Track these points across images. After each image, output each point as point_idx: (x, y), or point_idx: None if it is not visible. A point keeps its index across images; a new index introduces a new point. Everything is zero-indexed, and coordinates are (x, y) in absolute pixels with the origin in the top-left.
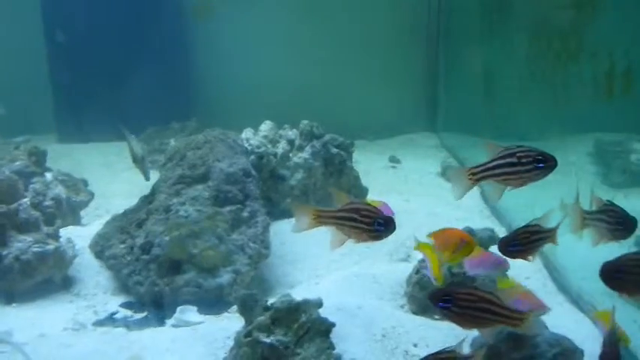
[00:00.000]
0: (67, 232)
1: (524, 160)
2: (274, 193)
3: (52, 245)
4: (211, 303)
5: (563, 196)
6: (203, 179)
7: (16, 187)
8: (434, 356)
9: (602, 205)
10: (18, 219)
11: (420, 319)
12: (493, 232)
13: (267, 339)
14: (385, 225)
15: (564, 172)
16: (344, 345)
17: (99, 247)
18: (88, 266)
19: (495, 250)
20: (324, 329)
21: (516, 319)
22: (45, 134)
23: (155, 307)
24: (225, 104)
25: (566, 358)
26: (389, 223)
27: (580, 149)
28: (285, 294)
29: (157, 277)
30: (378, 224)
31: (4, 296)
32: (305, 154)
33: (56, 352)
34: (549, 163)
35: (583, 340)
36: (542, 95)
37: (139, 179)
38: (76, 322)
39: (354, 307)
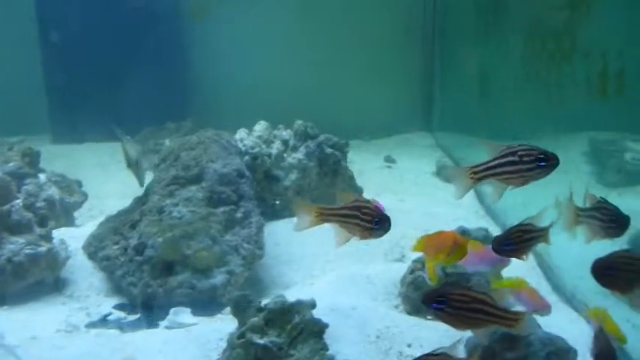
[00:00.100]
0: (60, 234)
1: (525, 159)
2: (268, 193)
3: (44, 247)
4: (205, 304)
5: (558, 196)
6: (197, 180)
7: (9, 188)
8: (425, 357)
9: (595, 203)
10: (10, 220)
11: (414, 319)
12: (487, 231)
13: (260, 340)
14: (380, 223)
15: (559, 172)
16: (337, 346)
17: (92, 249)
18: (81, 267)
19: None
20: (317, 330)
21: (510, 319)
22: (39, 135)
23: (148, 309)
24: (221, 105)
25: (560, 357)
26: (384, 221)
27: (575, 148)
28: (279, 295)
29: (151, 278)
30: (374, 222)
31: None
32: (299, 154)
33: (48, 355)
34: (551, 161)
35: (576, 339)
36: (537, 95)
37: (133, 180)
38: (69, 323)
39: (348, 307)
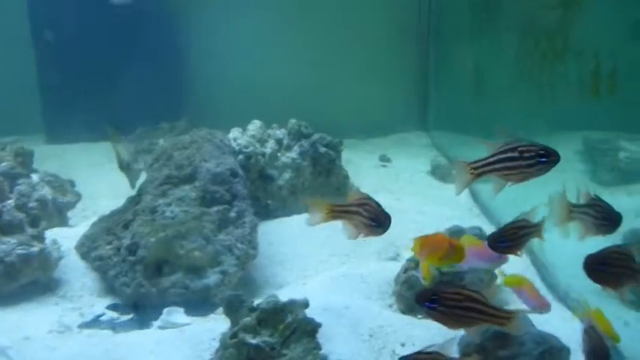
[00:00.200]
0: (52, 234)
1: (526, 155)
2: (262, 193)
3: (36, 247)
4: (198, 304)
5: (552, 193)
6: (190, 179)
7: (1, 188)
8: (417, 355)
9: (589, 200)
10: (1, 221)
11: (408, 318)
12: (481, 230)
13: (253, 340)
14: (380, 221)
15: (554, 170)
16: (331, 345)
17: (85, 249)
18: (74, 268)
19: None
20: (310, 329)
21: (502, 317)
22: (33, 135)
23: (142, 309)
24: (216, 104)
25: (553, 356)
26: (384, 219)
27: (569, 147)
28: (272, 294)
29: (144, 278)
30: (374, 220)
31: None
32: (293, 153)
33: (41, 355)
34: (552, 157)
35: (570, 338)
36: (531, 94)
37: (127, 181)
38: (61, 324)
39: (341, 307)
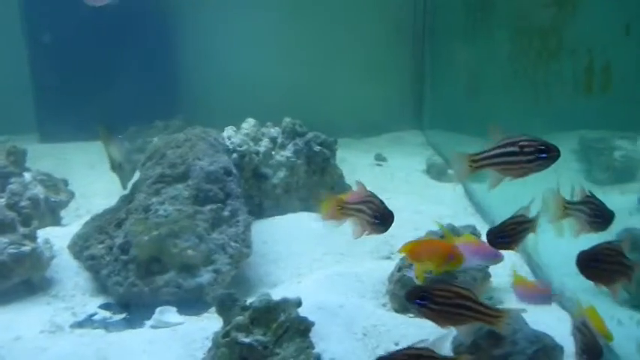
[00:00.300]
0: (45, 233)
1: (526, 150)
2: (256, 191)
3: (28, 246)
4: (192, 303)
5: (546, 190)
6: (183, 178)
7: None
8: (409, 350)
9: (584, 197)
10: None
11: (402, 317)
12: (475, 229)
13: (245, 339)
14: (382, 218)
15: (550, 169)
16: (324, 344)
17: (77, 248)
18: (66, 267)
19: None
20: (303, 328)
21: (492, 316)
22: (27, 134)
23: (134, 308)
24: (211, 103)
25: (547, 354)
26: (387, 217)
27: (564, 146)
28: (265, 293)
29: (136, 277)
30: (376, 217)
31: None
32: (287, 152)
33: (32, 355)
34: (552, 153)
35: (563, 337)
36: (525, 93)
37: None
38: (53, 324)
39: (335, 305)
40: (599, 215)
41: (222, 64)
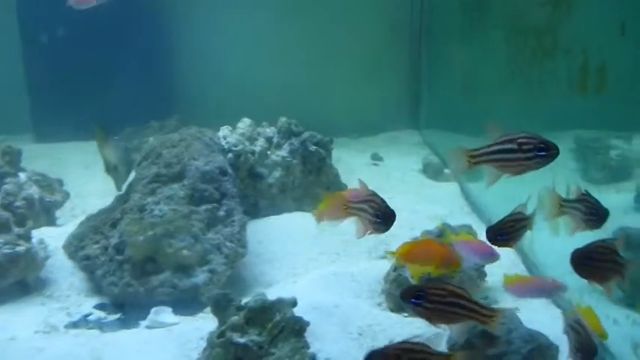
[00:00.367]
0: (40, 233)
1: (525, 147)
2: (252, 191)
3: (23, 246)
4: (187, 303)
5: (542, 188)
6: (178, 178)
7: None
8: (403, 344)
9: (579, 195)
10: None
11: (397, 316)
12: (471, 228)
13: (240, 339)
14: (384, 217)
15: (546, 168)
16: (319, 344)
17: (72, 248)
18: (61, 267)
19: None
20: (298, 328)
21: (485, 315)
22: (22, 134)
23: (129, 309)
24: (207, 103)
25: (541, 353)
26: (389, 216)
27: (561, 146)
28: (260, 293)
29: (132, 277)
30: (377, 216)
31: None
32: (283, 151)
33: (27, 356)
34: (551, 151)
35: (558, 335)
36: (522, 92)
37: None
38: (48, 324)
39: (330, 305)
40: (594, 213)
41: (218, 63)
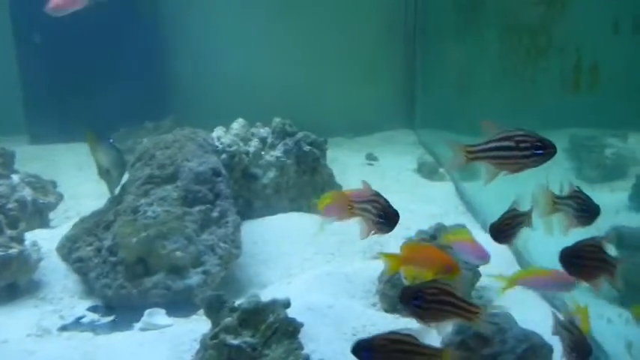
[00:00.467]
0: (33, 235)
1: (522, 145)
2: (246, 191)
3: (15, 249)
4: (180, 305)
5: (536, 186)
6: (172, 179)
7: None
8: (390, 334)
9: (572, 192)
10: None
11: (391, 317)
12: (465, 227)
13: (234, 341)
14: (387, 218)
15: (541, 167)
16: (313, 345)
17: (66, 250)
18: (54, 270)
19: None
20: (292, 329)
21: (471, 312)
22: (16, 136)
23: (123, 311)
24: (202, 104)
25: (535, 353)
26: (392, 216)
27: (556, 144)
28: (254, 294)
29: (125, 279)
30: (381, 217)
31: None
32: (277, 152)
33: (19, 359)
34: (548, 149)
35: (553, 336)
36: (516, 91)
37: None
38: (40, 327)
39: (324, 306)
40: (585, 209)
41: (212, 64)
